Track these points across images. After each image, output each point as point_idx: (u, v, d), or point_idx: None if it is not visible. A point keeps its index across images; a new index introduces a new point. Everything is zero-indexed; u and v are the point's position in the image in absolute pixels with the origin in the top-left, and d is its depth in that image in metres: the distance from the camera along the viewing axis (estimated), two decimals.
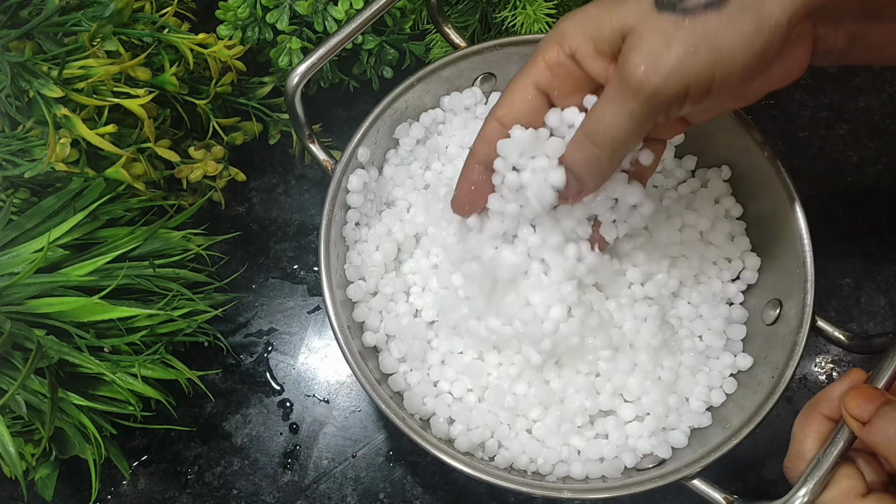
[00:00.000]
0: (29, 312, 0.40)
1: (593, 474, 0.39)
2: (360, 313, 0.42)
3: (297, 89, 0.40)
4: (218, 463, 0.48)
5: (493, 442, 0.40)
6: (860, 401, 0.32)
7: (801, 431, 0.35)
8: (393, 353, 0.41)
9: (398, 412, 0.38)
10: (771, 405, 0.37)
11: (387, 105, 0.43)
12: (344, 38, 0.41)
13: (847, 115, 0.56)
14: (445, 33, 0.46)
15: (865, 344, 0.38)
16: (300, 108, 0.41)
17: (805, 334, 0.38)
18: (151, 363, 0.43)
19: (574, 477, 0.39)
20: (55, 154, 0.40)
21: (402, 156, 0.46)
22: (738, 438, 0.37)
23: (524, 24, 0.47)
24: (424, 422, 0.40)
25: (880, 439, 0.31)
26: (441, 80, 0.45)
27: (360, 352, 0.39)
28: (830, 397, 0.34)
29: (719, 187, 0.44)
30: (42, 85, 0.39)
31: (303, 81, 0.40)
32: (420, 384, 0.41)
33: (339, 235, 0.42)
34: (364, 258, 0.43)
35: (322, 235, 0.41)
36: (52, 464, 0.44)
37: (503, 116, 0.35)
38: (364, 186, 0.42)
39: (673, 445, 0.39)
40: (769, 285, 0.42)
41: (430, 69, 0.44)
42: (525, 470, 0.39)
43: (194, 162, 0.48)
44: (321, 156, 0.43)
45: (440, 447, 0.37)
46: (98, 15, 0.42)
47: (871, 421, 0.31)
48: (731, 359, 0.41)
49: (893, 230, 0.52)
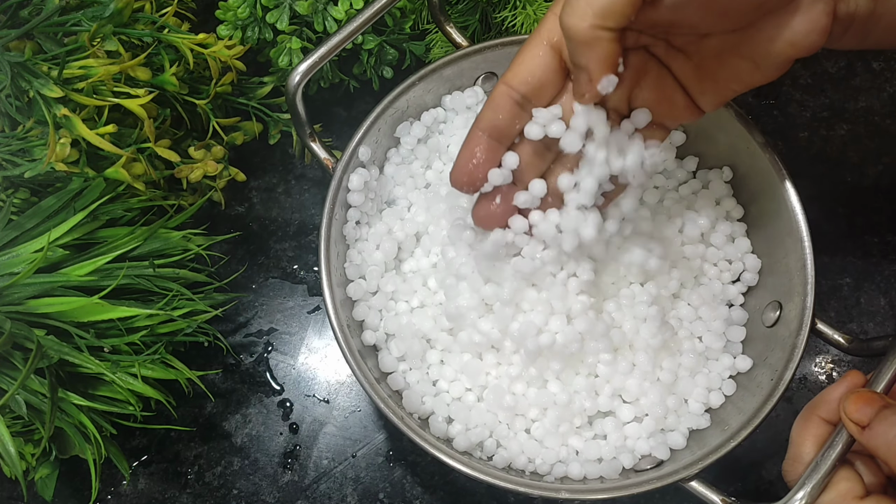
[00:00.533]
0: (29, 312, 0.40)
1: (591, 475, 0.39)
2: (359, 312, 0.42)
3: (299, 88, 0.40)
4: (218, 463, 0.48)
5: (492, 441, 0.40)
6: (859, 404, 0.32)
7: (799, 435, 0.35)
8: (392, 351, 0.41)
9: (397, 411, 0.38)
10: (770, 407, 0.37)
11: (388, 104, 0.43)
12: (345, 37, 0.41)
13: (847, 115, 0.56)
14: (447, 32, 0.46)
15: (865, 347, 0.38)
16: (301, 107, 0.41)
17: (805, 337, 0.38)
18: (151, 363, 0.43)
19: (572, 477, 0.39)
20: (55, 154, 0.40)
21: (403, 155, 0.46)
22: (737, 441, 0.37)
23: (524, 24, 0.47)
24: (423, 421, 0.40)
25: (880, 443, 0.31)
26: (442, 79, 0.45)
27: (360, 350, 0.39)
28: (829, 400, 0.34)
29: (720, 188, 0.44)
30: (42, 85, 0.39)
31: (304, 80, 0.40)
32: (419, 383, 0.41)
33: (340, 234, 0.42)
34: (364, 257, 0.43)
35: (322, 234, 0.41)
36: (52, 464, 0.44)
37: (512, 78, 0.33)
38: (365, 185, 0.42)
39: (671, 447, 0.39)
40: (769, 287, 0.42)
41: (431, 68, 0.44)
42: (523, 470, 0.39)
43: (194, 162, 0.48)
44: (322, 154, 0.43)
45: (438, 446, 0.37)
46: (98, 15, 0.42)
47: (870, 425, 0.31)
48: (730, 360, 0.41)
49: (893, 230, 0.52)
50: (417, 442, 0.37)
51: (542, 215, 0.37)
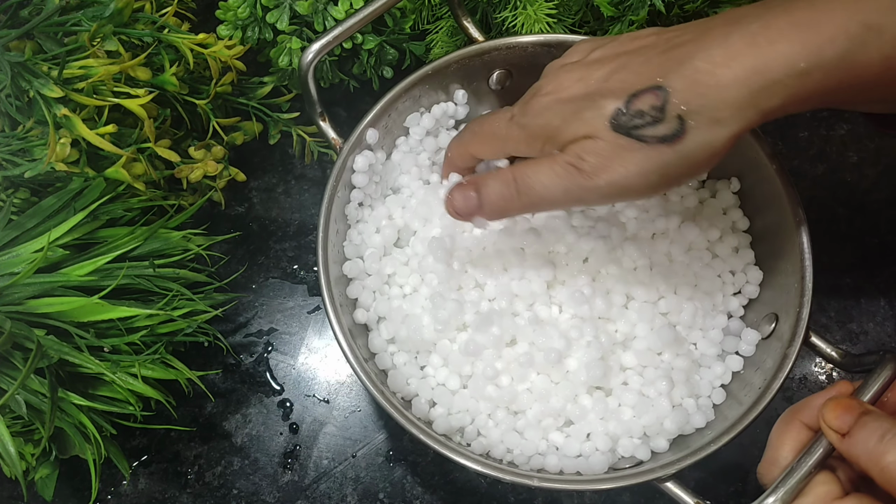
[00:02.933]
0: (29, 312, 0.40)
1: (569, 469, 0.39)
2: (353, 290, 0.42)
3: (311, 66, 0.41)
4: (218, 463, 0.48)
5: (473, 429, 0.40)
6: (839, 412, 0.31)
7: (778, 438, 0.34)
8: (382, 333, 0.42)
9: (378, 384, 0.38)
10: (754, 416, 0.37)
11: (401, 91, 0.44)
12: (361, 20, 0.42)
13: (847, 115, 0.56)
14: (464, 27, 0.46)
15: (857, 362, 0.37)
16: (313, 86, 0.42)
17: (796, 349, 0.38)
18: (151, 363, 0.43)
19: (549, 470, 0.39)
20: (55, 154, 0.40)
21: (411, 144, 0.46)
22: (717, 445, 0.37)
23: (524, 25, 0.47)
24: (406, 402, 0.41)
25: (860, 451, 0.30)
26: (457, 73, 0.45)
27: (350, 329, 0.40)
28: (812, 406, 0.34)
29: (727, 199, 0.44)
30: (42, 85, 0.39)
31: (316, 59, 0.41)
32: (406, 365, 0.41)
33: (342, 213, 0.43)
34: (364, 238, 0.44)
35: (323, 209, 0.41)
36: (52, 464, 0.44)
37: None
38: (370, 168, 0.43)
39: (653, 450, 0.39)
40: (767, 299, 0.42)
41: (446, 60, 0.44)
42: (501, 459, 0.39)
43: (194, 162, 0.48)
44: (331, 134, 0.43)
45: (418, 426, 0.37)
46: (98, 15, 0.42)
47: (850, 433, 0.30)
48: (722, 369, 0.41)
49: (893, 230, 0.52)
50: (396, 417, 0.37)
51: None
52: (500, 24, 0.49)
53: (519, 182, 0.35)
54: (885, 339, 0.50)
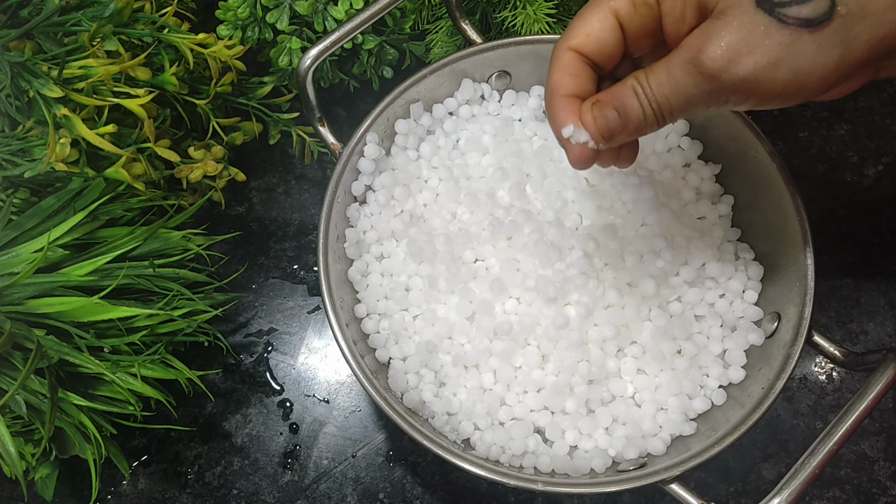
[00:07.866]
0: (29, 312, 0.40)
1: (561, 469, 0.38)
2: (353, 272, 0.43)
3: (310, 71, 0.41)
4: (218, 463, 0.48)
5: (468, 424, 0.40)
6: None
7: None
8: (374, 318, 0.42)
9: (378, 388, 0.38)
10: (757, 417, 0.37)
11: (399, 94, 0.44)
12: (358, 24, 0.42)
13: (847, 115, 0.56)
14: (462, 28, 0.46)
15: (860, 360, 0.37)
16: (311, 91, 0.42)
17: (799, 348, 0.38)
18: (151, 363, 0.43)
19: (542, 469, 0.39)
20: (55, 154, 0.40)
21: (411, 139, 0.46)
22: (721, 447, 0.37)
23: (524, 24, 0.47)
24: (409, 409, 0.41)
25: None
26: (455, 75, 0.45)
27: (348, 322, 0.40)
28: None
29: (728, 199, 0.44)
30: (42, 85, 0.39)
31: (315, 63, 0.41)
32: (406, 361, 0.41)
33: (342, 214, 0.43)
34: (365, 237, 0.44)
35: (324, 209, 0.42)
36: (52, 464, 0.44)
37: (581, 47, 0.33)
38: (375, 162, 0.43)
39: (651, 452, 0.39)
40: (770, 298, 0.42)
41: (444, 62, 0.44)
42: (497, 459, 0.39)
43: (194, 162, 0.48)
44: (330, 139, 0.44)
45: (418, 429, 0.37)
46: (98, 15, 0.42)
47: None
48: (722, 370, 0.41)
49: (893, 230, 0.52)
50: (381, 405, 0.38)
51: None
52: (500, 24, 0.49)
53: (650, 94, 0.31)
54: (886, 339, 0.50)
